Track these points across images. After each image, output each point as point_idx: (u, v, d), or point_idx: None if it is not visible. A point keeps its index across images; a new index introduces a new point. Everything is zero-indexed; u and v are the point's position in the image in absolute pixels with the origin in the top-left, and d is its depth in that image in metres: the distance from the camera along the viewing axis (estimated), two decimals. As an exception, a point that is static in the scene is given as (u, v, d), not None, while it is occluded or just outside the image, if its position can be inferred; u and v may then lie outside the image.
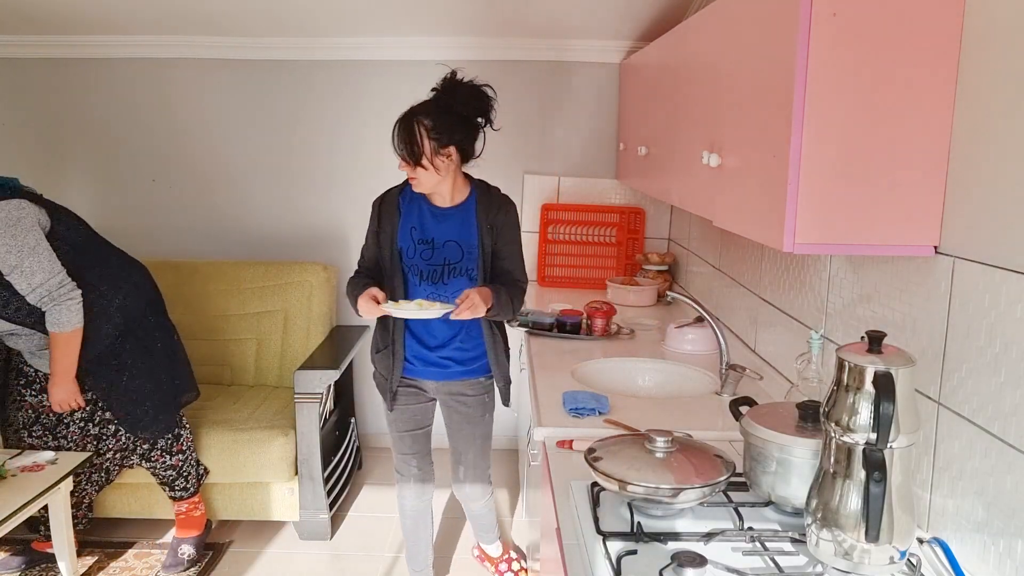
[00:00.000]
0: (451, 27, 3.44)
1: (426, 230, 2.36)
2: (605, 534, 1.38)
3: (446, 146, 2.25)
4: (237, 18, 3.34)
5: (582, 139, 3.71)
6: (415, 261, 2.35)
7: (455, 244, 2.35)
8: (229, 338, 3.53)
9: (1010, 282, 1.17)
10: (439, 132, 2.24)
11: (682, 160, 2.13)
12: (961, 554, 1.28)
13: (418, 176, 2.27)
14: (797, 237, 1.33)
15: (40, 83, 3.69)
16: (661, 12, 3.20)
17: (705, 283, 3.05)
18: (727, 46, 1.71)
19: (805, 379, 1.71)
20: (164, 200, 3.79)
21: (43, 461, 2.65)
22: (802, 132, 1.30)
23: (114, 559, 2.94)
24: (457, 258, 2.34)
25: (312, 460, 3.00)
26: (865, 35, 1.27)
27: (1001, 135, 1.19)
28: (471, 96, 2.31)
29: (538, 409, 2.05)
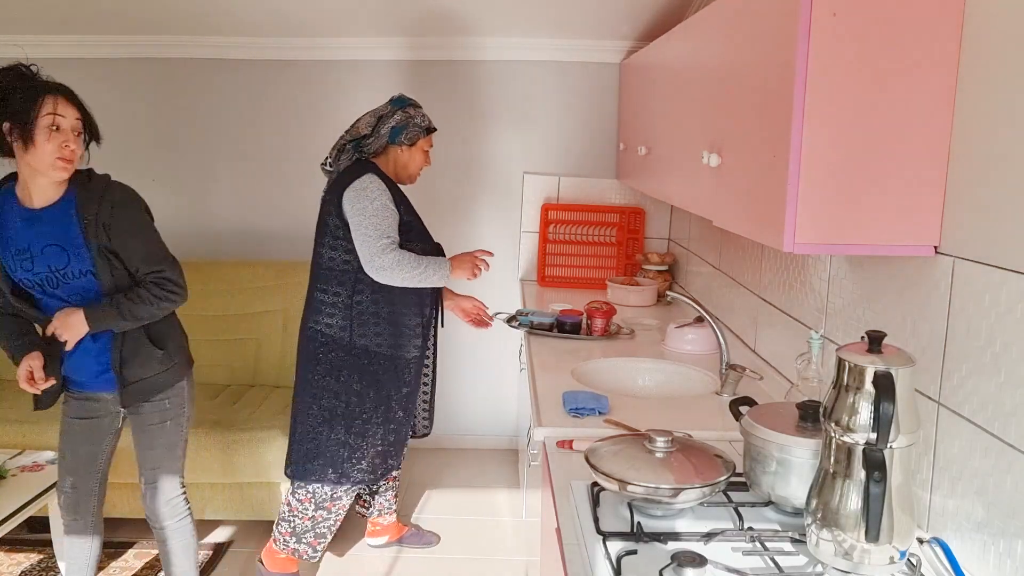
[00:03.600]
0: (450, 27, 3.44)
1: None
2: (605, 534, 1.38)
3: None
4: (237, 18, 3.35)
5: (582, 139, 3.71)
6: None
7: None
8: (229, 338, 3.53)
9: (1010, 282, 1.17)
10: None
11: (682, 160, 2.13)
12: (961, 554, 1.28)
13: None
14: (797, 237, 1.33)
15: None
16: (661, 12, 3.20)
17: (705, 283, 3.05)
18: (727, 46, 1.71)
19: (805, 379, 1.71)
20: (164, 200, 3.79)
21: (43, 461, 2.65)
22: (802, 132, 1.30)
23: (114, 559, 2.94)
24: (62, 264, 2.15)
25: (312, 460, 3.00)
26: (865, 35, 1.27)
27: (1001, 135, 1.19)
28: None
29: (538, 409, 2.05)
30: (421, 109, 2.64)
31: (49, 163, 2.01)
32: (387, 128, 2.56)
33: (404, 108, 2.59)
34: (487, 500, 3.47)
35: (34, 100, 1.99)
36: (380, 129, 2.56)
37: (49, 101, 2.01)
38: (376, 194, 2.47)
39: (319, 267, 2.57)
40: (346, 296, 2.52)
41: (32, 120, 1.97)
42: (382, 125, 2.56)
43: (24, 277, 2.12)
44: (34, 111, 1.98)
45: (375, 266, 2.43)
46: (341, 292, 2.53)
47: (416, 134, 2.60)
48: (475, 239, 3.73)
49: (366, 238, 2.43)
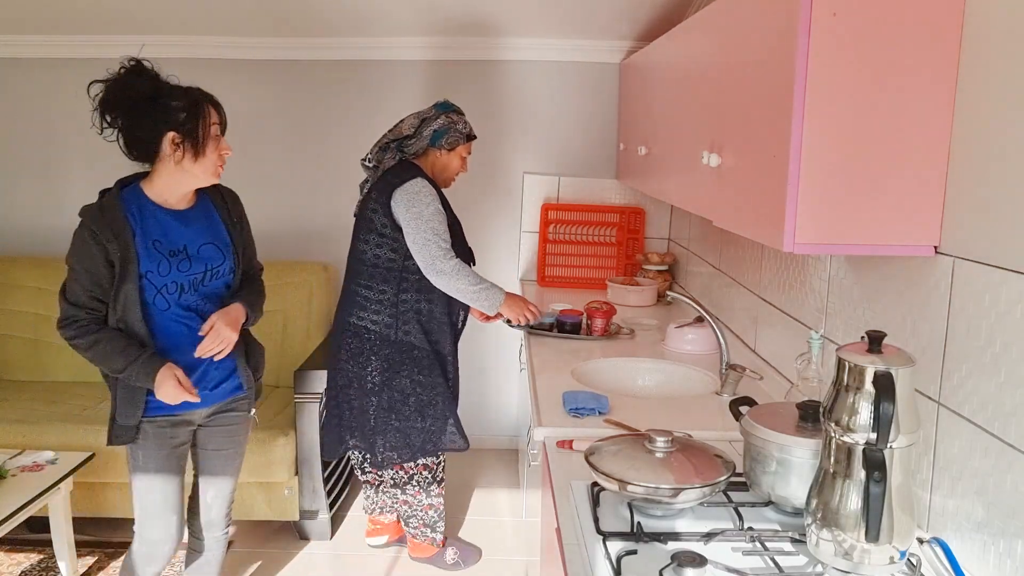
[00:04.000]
0: (450, 27, 3.44)
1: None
2: (605, 534, 1.38)
3: None
4: (237, 18, 3.35)
5: (582, 139, 3.71)
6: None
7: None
8: (229, 338, 3.52)
9: (1010, 282, 1.17)
10: None
11: (682, 160, 2.13)
12: (961, 554, 1.28)
13: None
14: (797, 237, 1.33)
15: (40, 83, 3.69)
16: (661, 12, 3.20)
17: (705, 283, 3.05)
18: (727, 46, 1.72)
19: (805, 379, 1.71)
20: (164, 200, 3.79)
21: (43, 461, 2.65)
22: (802, 132, 1.30)
23: (114, 559, 2.94)
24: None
25: (312, 460, 3.00)
26: (865, 35, 1.27)
27: (1001, 135, 1.20)
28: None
29: (538, 409, 2.05)
30: (464, 116, 2.73)
31: (212, 171, 2.08)
32: (429, 131, 2.64)
33: (447, 113, 2.68)
34: (487, 500, 3.47)
35: (201, 111, 2.02)
36: (422, 131, 2.65)
37: (211, 111, 2.05)
38: (430, 199, 2.56)
39: (362, 263, 2.65)
40: (392, 294, 2.62)
41: (205, 132, 2.02)
42: (424, 128, 2.65)
43: (175, 279, 2.05)
44: (204, 123, 2.02)
45: (436, 270, 2.53)
46: (387, 290, 2.62)
47: (456, 139, 2.69)
48: (475, 239, 3.71)
49: (426, 243, 2.52)
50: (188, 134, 1.99)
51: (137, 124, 1.99)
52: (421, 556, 2.96)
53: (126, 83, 1.98)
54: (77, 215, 2.07)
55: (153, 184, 2.08)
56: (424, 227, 2.53)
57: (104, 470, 2.90)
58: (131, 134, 2.00)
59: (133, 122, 1.99)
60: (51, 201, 3.79)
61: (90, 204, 2.07)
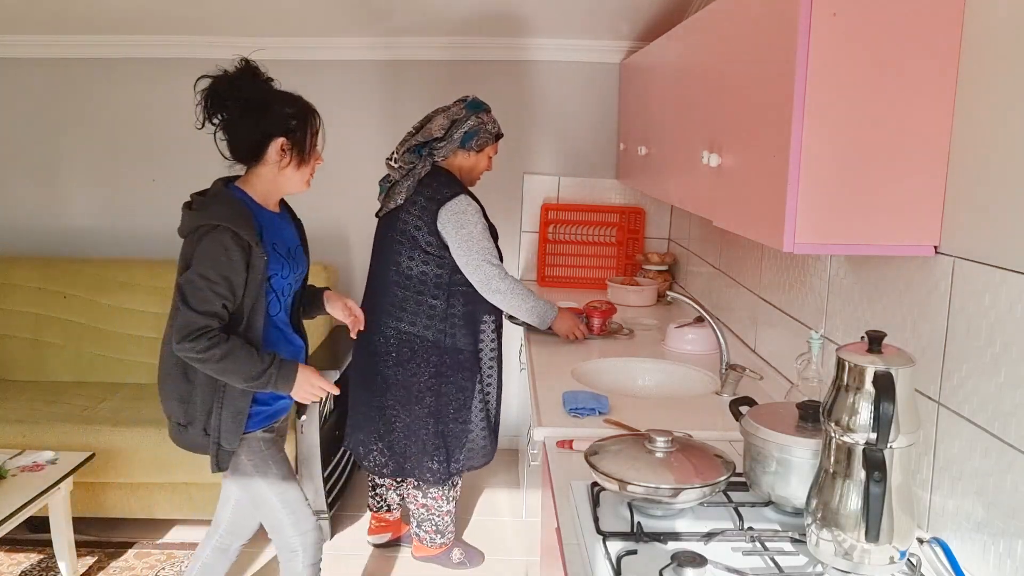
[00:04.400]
0: (450, 28, 3.44)
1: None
2: (605, 534, 1.38)
3: None
4: (237, 18, 3.34)
5: (582, 139, 3.71)
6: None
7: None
8: (229, 338, 3.53)
9: (1010, 282, 1.17)
10: None
11: (682, 160, 2.13)
12: (961, 554, 1.28)
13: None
14: (797, 237, 1.33)
15: (40, 83, 3.69)
16: (661, 12, 3.20)
17: (705, 283, 3.05)
18: (727, 46, 1.71)
19: (805, 379, 1.71)
20: (164, 200, 3.78)
21: (43, 461, 2.65)
22: (802, 132, 1.30)
23: (114, 559, 2.94)
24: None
25: (312, 460, 3.00)
26: (865, 35, 1.27)
27: (1001, 135, 1.19)
28: None
29: (538, 409, 2.05)
30: (491, 114, 2.71)
31: (307, 180, 2.09)
32: (460, 133, 2.64)
33: (478, 113, 2.66)
34: (487, 500, 3.47)
35: (309, 121, 2.04)
36: (453, 134, 2.64)
37: (317, 121, 2.07)
38: (476, 217, 2.59)
39: (407, 278, 2.65)
40: (443, 307, 2.64)
41: (311, 141, 2.05)
42: (455, 130, 2.64)
43: (290, 281, 2.08)
44: (311, 132, 2.04)
45: (491, 289, 2.60)
46: (438, 304, 2.63)
47: (486, 140, 2.69)
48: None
49: (479, 265, 2.57)
50: (296, 142, 2.00)
51: (248, 126, 1.98)
52: (425, 555, 2.96)
53: (240, 84, 1.97)
54: (201, 222, 1.98)
55: (254, 187, 2.07)
56: (475, 247, 2.56)
57: (104, 470, 2.90)
58: (239, 135, 1.99)
59: (244, 124, 1.98)
60: (51, 201, 3.79)
61: (214, 208, 1.98)
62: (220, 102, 1.97)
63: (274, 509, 2.11)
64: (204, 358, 1.89)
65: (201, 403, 1.99)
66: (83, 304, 3.53)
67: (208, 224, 1.93)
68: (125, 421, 3.00)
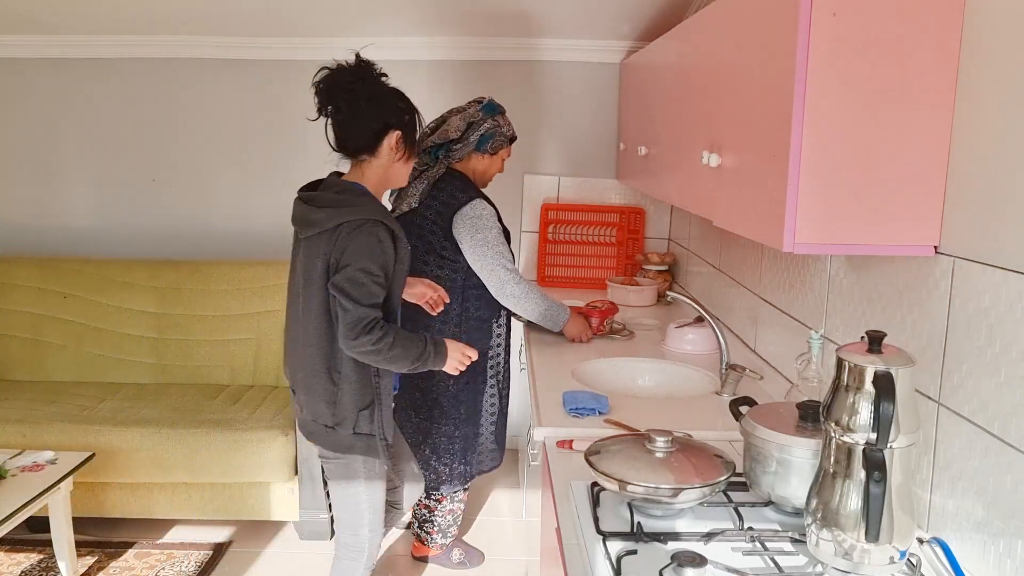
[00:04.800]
0: (450, 27, 3.44)
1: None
2: (605, 534, 1.38)
3: None
4: (237, 18, 3.34)
5: (582, 139, 3.71)
6: None
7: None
8: (229, 338, 3.53)
9: (1010, 282, 1.17)
10: None
11: (682, 160, 2.13)
12: (961, 554, 1.28)
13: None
14: (797, 237, 1.33)
15: (40, 83, 3.69)
16: (661, 12, 3.20)
17: (705, 283, 3.05)
18: (727, 46, 1.71)
19: (805, 379, 1.71)
20: (164, 200, 3.79)
21: (43, 461, 2.66)
22: (802, 132, 1.30)
23: (114, 559, 2.94)
24: None
25: (312, 460, 3.00)
26: (865, 35, 1.27)
27: (1001, 135, 1.19)
28: None
29: (538, 409, 2.05)
30: (506, 116, 2.72)
31: (408, 174, 2.16)
32: (476, 136, 2.64)
33: (494, 116, 2.67)
34: (487, 500, 3.47)
35: (417, 116, 2.10)
36: (469, 136, 2.63)
37: (419, 118, 2.12)
38: (491, 221, 2.58)
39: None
40: (457, 311, 2.64)
41: (420, 137, 2.15)
42: (472, 132, 2.63)
43: (407, 269, 2.13)
44: (419, 127, 2.12)
45: (506, 293, 2.59)
46: (453, 307, 2.62)
47: (501, 143, 2.70)
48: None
49: (493, 269, 2.57)
50: (408, 136, 2.05)
51: (368, 118, 2.01)
52: (425, 555, 2.96)
53: (362, 76, 2.00)
54: (351, 217, 1.96)
55: (368, 180, 2.08)
56: (490, 252, 2.56)
57: (104, 470, 2.90)
58: (355, 127, 2.01)
59: (364, 115, 2.00)
60: (51, 201, 3.79)
61: (360, 203, 1.99)
62: (338, 94, 2.00)
63: (359, 507, 2.14)
64: (378, 348, 1.92)
65: (350, 403, 2.01)
66: (83, 304, 3.53)
67: (360, 219, 1.94)
68: (125, 421, 3.00)
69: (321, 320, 1.97)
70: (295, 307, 2.06)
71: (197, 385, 3.49)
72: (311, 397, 2.04)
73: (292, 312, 2.08)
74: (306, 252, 2.00)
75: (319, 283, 1.95)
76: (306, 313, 2.00)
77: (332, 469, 2.15)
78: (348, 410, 2.01)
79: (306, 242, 2.00)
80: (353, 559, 2.20)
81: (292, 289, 2.09)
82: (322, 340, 1.98)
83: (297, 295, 2.05)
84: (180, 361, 3.53)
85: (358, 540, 2.18)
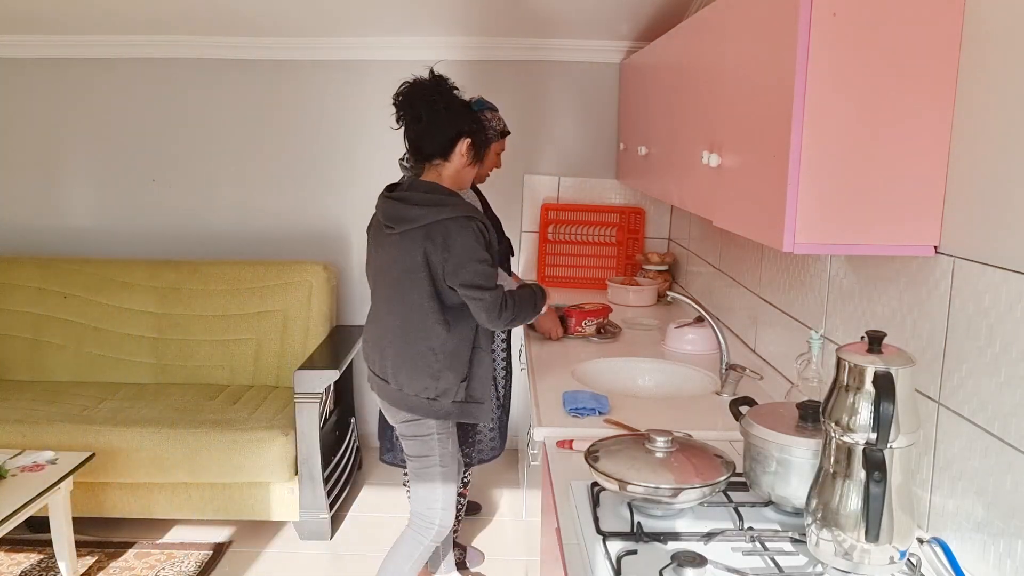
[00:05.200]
0: (450, 27, 3.44)
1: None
2: (605, 534, 1.38)
3: None
4: (238, 18, 3.34)
5: (582, 139, 3.71)
6: None
7: None
8: (229, 338, 3.53)
9: (1010, 282, 1.17)
10: None
11: (682, 160, 2.13)
12: (961, 554, 1.28)
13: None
14: (797, 237, 1.33)
15: (40, 83, 3.69)
16: (661, 12, 3.20)
17: (705, 283, 3.05)
18: (727, 46, 1.71)
19: (805, 379, 1.71)
20: (164, 200, 3.79)
21: (43, 461, 2.65)
22: (802, 132, 1.30)
23: (114, 559, 2.94)
24: None
25: (312, 460, 3.00)
26: (865, 35, 1.27)
27: (1001, 135, 1.19)
28: None
29: (538, 409, 2.05)
30: (498, 112, 2.77)
31: (473, 176, 2.36)
32: None
33: (482, 111, 2.68)
34: (487, 500, 3.47)
35: (485, 126, 2.36)
36: None
37: (489, 128, 2.40)
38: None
39: None
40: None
41: (488, 143, 2.39)
42: None
43: None
44: (487, 135, 2.37)
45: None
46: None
47: (491, 138, 2.70)
48: (475, 239, 3.73)
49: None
50: (477, 142, 2.26)
51: (443, 125, 2.20)
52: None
53: (439, 88, 2.22)
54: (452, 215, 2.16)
55: (443, 181, 2.26)
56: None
57: (104, 470, 2.90)
58: (431, 134, 2.21)
59: (438, 123, 2.20)
60: (51, 201, 3.79)
61: (455, 201, 2.19)
62: (417, 104, 2.20)
63: (435, 483, 2.32)
64: (514, 315, 2.20)
65: (453, 375, 2.22)
66: (83, 304, 3.53)
67: (460, 216, 2.16)
68: (125, 421, 3.00)
69: (423, 305, 2.18)
70: (385, 296, 2.27)
71: (197, 385, 3.49)
72: (415, 373, 2.22)
73: (383, 301, 2.29)
74: (401, 246, 2.19)
75: (420, 272, 2.16)
76: (405, 300, 2.20)
77: (413, 445, 2.31)
78: (451, 381, 2.22)
79: (400, 237, 2.19)
80: (423, 530, 2.35)
81: (381, 280, 2.29)
82: (425, 322, 2.19)
83: (388, 286, 2.25)
84: (180, 361, 3.53)
85: (431, 514, 2.34)
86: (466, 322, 2.23)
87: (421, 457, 2.31)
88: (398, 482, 3.61)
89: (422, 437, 2.28)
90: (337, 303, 3.73)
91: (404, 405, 2.26)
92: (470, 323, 2.23)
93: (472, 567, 2.95)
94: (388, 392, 2.28)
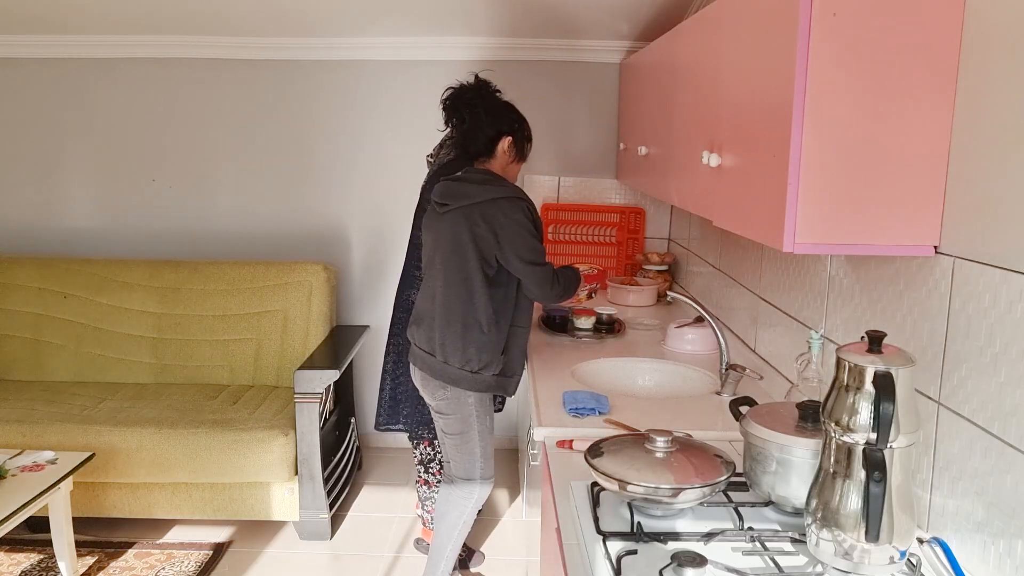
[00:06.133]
0: (451, 28, 3.44)
1: None
2: (605, 534, 1.38)
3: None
4: (238, 18, 3.34)
5: (582, 139, 3.71)
6: None
7: None
8: (229, 338, 3.53)
9: (1010, 282, 1.17)
10: None
11: (682, 160, 2.13)
12: (961, 554, 1.28)
13: None
14: (797, 237, 1.33)
15: (40, 83, 3.69)
16: (661, 12, 3.20)
17: (705, 283, 3.05)
18: (727, 46, 1.71)
19: (805, 379, 1.71)
20: (164, 200, 3.79)
21: (43, 461, 2.65)
22: (802, 132, 1.30)
23: (114, 559, 2.94)
24: None
25: (312, 460, 3.00)
26: (865, 35, 1.27)
27: (1001, 135, 1.19)
28: None
29: (538, 409, 2.05)
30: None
31: (518, 172, 2.53)
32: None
33: None
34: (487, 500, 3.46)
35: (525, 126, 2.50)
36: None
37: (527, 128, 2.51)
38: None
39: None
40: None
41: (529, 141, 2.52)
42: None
43: None
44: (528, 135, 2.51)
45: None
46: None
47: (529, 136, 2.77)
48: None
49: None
50: (517, 141, 2.45)
51: (486, 126, 2.40)
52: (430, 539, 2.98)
53: (483, 93, 2.45)
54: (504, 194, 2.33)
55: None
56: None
57: (104, 470, 2.90)
58: (475, 134, 2.41)
59: (481, 124, 2.40)
60: (51, 201, 3.79)
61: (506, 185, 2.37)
62: (462, 107, 2.41)
63: (474, 454, 2.46)
64: (564, 287, 2.42)
65: (494, 348, 2.35)
66: (83, 304, 3.54)
67: (511, 196, 2.33)
68: (125, 421, 3.00)
69: (473, 279, 2.31)
70: (441, 271, 2.37)
71: (197, 385, 3.49)
72: (465, 345, 2.34)
73: (438, 277, 2.38)
74: (455, 221, 2.32)
75: (470, 247, 2.30)
76: (456, 275, 2.33)
77: (452, 423, 2.43)
78: (493, 354, 2.35)
79: (454, 213, 2.33)
80: (465, 498, 2.50)
81: (436, 256, 2.39)
82: (473, 297, 2.32)
83: (443, 261, 2.36)
84: (180, 361, 3.53)
85: (470, 484, 2.50)
86: (509, 300, 2.37)
87: (460, 434, 2.43)
88: (398, 482, 3.61)
89: (461, 414, 2.40)
90: (337, 303, 3.73)
91: (448, 377, 2.37)
92: (512, 300, 2.37)
93: (473, 567, 2.95)
94: (433, 365, 2.38)
